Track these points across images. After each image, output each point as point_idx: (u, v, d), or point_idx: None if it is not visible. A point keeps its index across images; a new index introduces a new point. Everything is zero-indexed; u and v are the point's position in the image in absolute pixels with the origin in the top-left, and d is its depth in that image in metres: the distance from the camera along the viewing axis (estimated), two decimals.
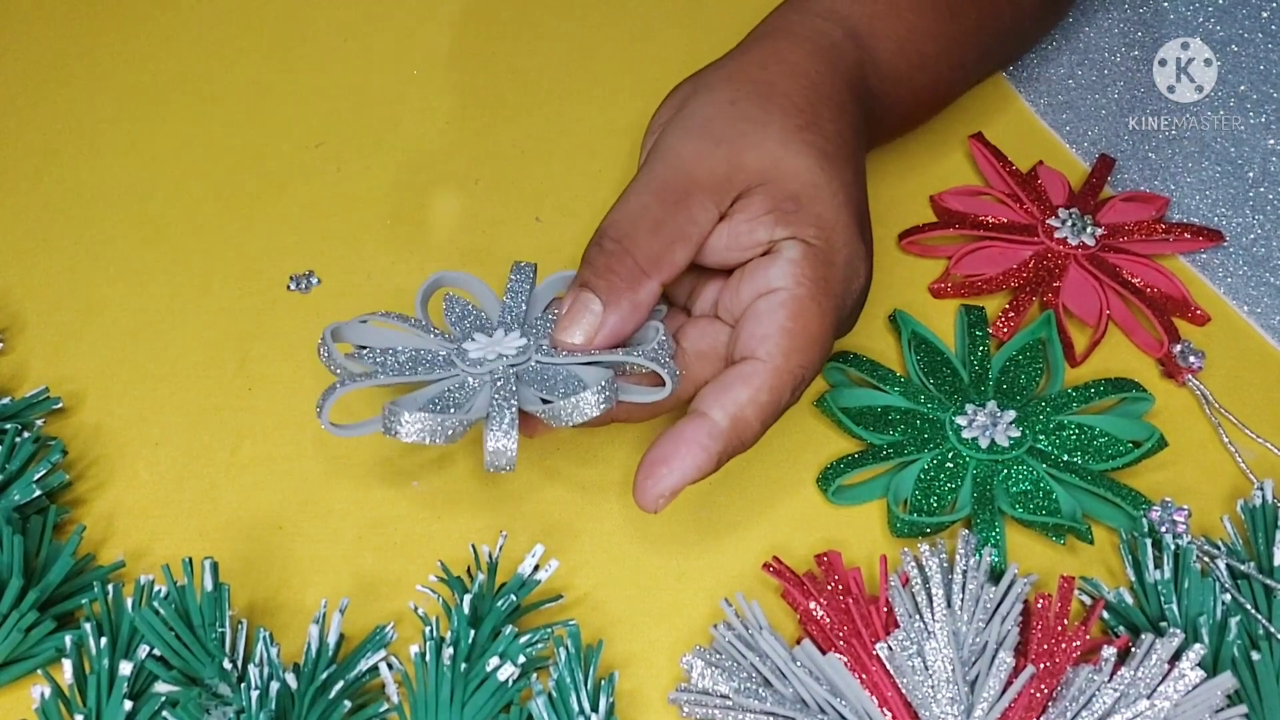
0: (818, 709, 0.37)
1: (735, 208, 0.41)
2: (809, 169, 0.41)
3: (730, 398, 0.39)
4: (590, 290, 0.39)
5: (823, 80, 0.43)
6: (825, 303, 0.40)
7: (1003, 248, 0.51)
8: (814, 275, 0.40)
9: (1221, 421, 0.47)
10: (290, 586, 0.42)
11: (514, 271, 0.43)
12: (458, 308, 0.43)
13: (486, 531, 0.43)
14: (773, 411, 0.39)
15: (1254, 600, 0.41)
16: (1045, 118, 0.57)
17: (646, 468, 0.38)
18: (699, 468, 0.38)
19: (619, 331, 0.39)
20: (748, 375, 0.39)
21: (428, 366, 0.40)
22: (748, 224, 0.40)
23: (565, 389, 0.38)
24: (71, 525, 0.42)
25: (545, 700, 0.37)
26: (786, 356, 0.39)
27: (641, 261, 0.39)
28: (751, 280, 0.40)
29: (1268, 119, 0.57)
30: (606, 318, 0.39)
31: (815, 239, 0.40)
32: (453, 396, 0.39)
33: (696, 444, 0.38)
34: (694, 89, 0.43)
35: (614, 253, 0.39)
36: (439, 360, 0.40)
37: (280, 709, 0.36)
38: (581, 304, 0.39)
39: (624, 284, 0.39)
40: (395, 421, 0.37)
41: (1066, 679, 0.38)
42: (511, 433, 0.37)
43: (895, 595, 0.39)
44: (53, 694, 0.37)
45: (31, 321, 0.48)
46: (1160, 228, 0.52)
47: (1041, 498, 0.43)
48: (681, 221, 0.40)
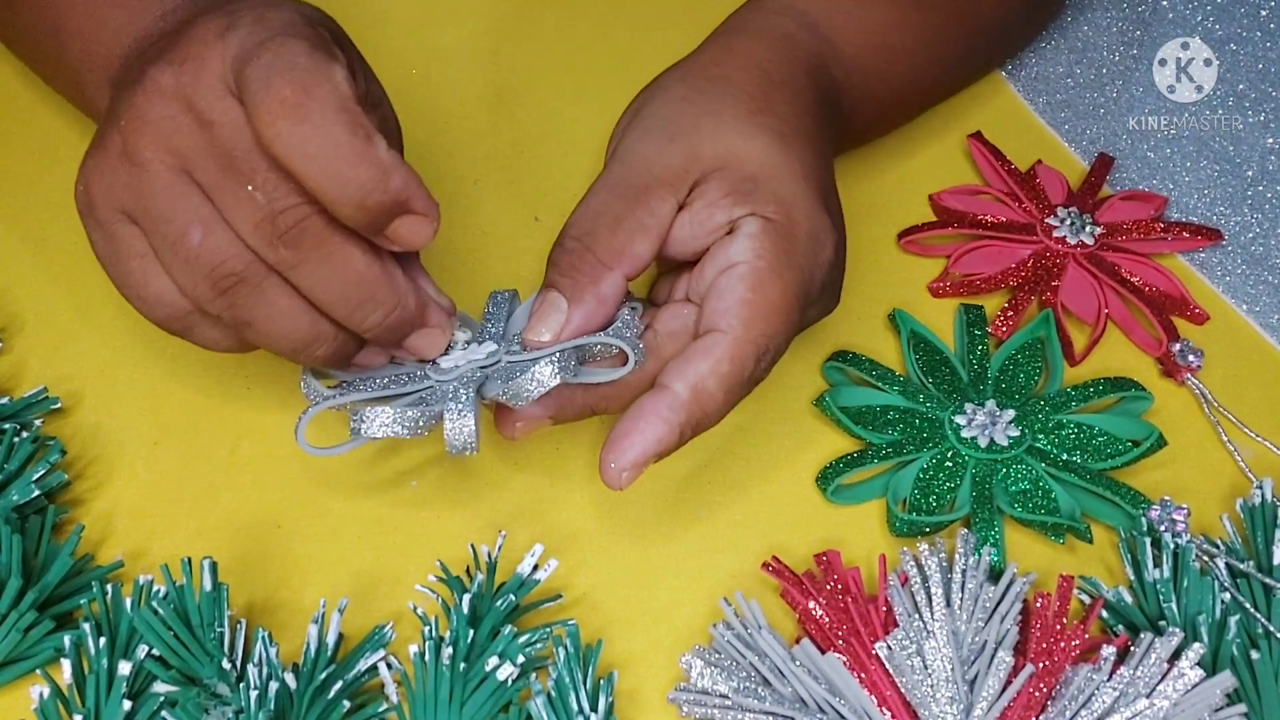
0: (817, 708, 0.37)
1: (694, 195, 0.41)
2: (764, 150, 0.41)
3: (691, 369, 0.39)
4: (555, 289, 0.40)
5: (775, 68, 0.44)
6: (788, 275, 0.40)
7: (1001, 247, 0.51)
8: (774, 248, 0.40)
9: (1220, 420, 0.47)
10: (289, 586, 0.42)
11: (490, 301, 0.43)
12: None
13: (485, 531, 0.43)
14: (736, 381, 0.39)
15: (1253, 599, 0.41)
16: (1044, 117, 0.57)
17: (609, 444, 0.39)
18: (660, 440, 0.38)
19: (584, 326, 0.40)
20: (709, 347, 0.39)
21: (402, 380, 0.40)
22: (707, 209, 0.41)
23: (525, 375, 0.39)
24: (70, 525, 0.42)
25: (544, 700, 0.37)
26: (747, 326, 0.39)
27: (602, 256, 0.40)
28: (713, 258, 0.41)
29: (1266, 118, 0.57)
30: (572, 313, 0.39)
31: (774, 214, 0.40)
32: (423, 399, 0.39)
33: (657, 416, 0.38)
34: (650, 93, 0.44)
35: (575, 250, 0.40)
36: (414, 375, 0.40)
37: (279, 709, 0.36)
38: (548, 303, 0.40)
39: (586, 279, 0.40)
40: (359, 420, 0.37)
41: (1065, 678, 0.38)
42: (467, 412, 0.38)
43: (894, 594, 0.39)
44: (51, 694, 0.37)
45: (30, 321, 0.48)
46: (1159, 226, 0.52)
47: (1040, 497, 0.43)
48: (640, 215, 0.40)
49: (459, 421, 0.38)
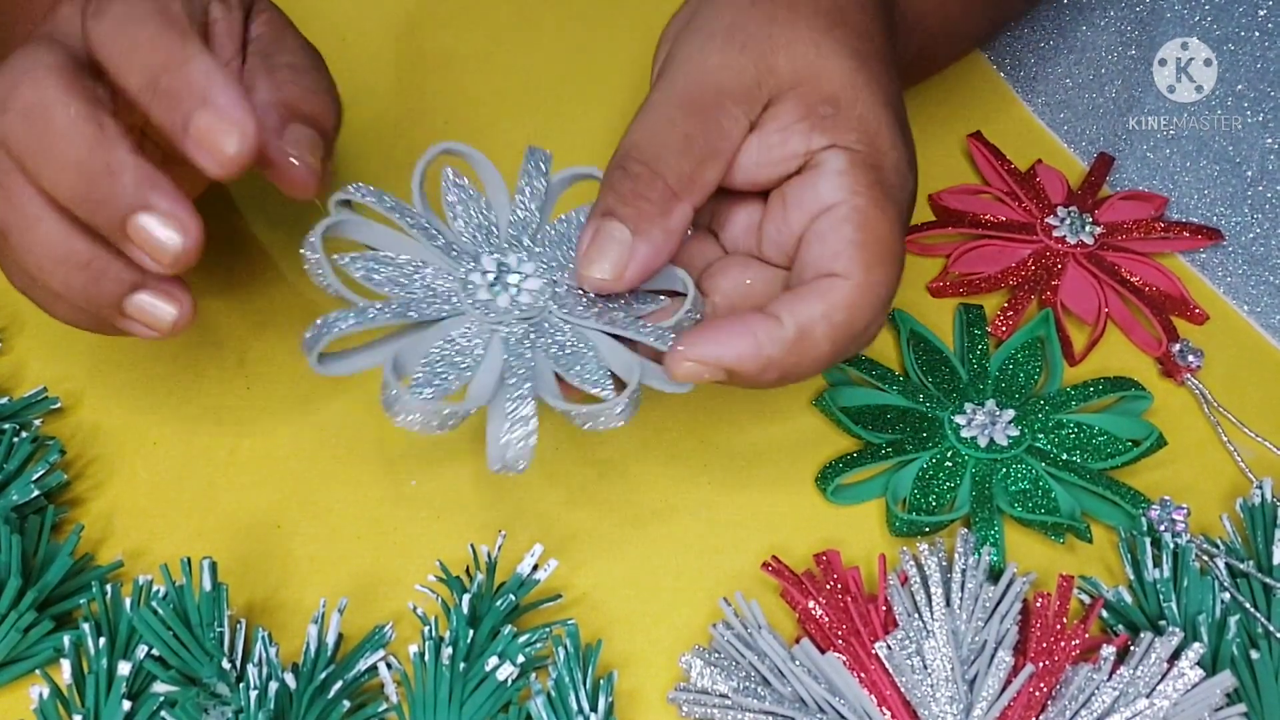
0: (816, 708, 0.37)
1: (765, 117, 0.36)
2: (844, 69, 0.37)
3: (803, 307, 0.35)
4: (616, 219, 0.35)
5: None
6: (890, 210, 0.36)
7: (1001, 246, 0.51)
8: (868, 182, 0.35)
9: (1220, 420, 0.47)
10: (289, 586, 0.42)
11: (528, 159, 0.39)
12: (460, 196, 0.39)
13: (485, 531, 0.43)
14: (846, 335, 0.35)
15: (1253, 599, 0.41)
16: (1043, 117, 0.57)
17: (691, 331, 0.35)
18: (740, 357, 0.34)
19: (650, 264, 0.35)
20: (824, 290, 0.35)
21: (428, 302, 0.36)
22: (780, 134, 0.36)
23: (585, 371, 0.36)
24: (70, 525, 0.42)
25: (544, 700, 0.37)
26: (868, 270, 0.35)
27: (673, 183, 0.35)
28: (799, 202, 0.36)
29: (1265, 118, 0.57)
30: (637, 248, 0.35)
31: (859, 144, 0.36)
32: (453, 355, 0.36)
33: (750, 335, 0.34)
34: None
35: (641, 176, 0.35)
36: (441, 294, 0.37)
37: (279, 709, 0.36)
38: (607, 234, 0.35)
39: (655, 210, 0.35)
40: (393, 401, 0.34)
41: (1065, 678, 0.38)
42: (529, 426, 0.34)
43: (894, 594, 0.39)
44: (51, 694, 0.37)
45: (30, 321, 0.48)
46: (1159, 226, 0.52)
47: (1040, 496, 0.43)
48: (712, 136, 0.36)
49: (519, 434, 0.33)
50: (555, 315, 0.37)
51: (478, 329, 0.36)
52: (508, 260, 0.38)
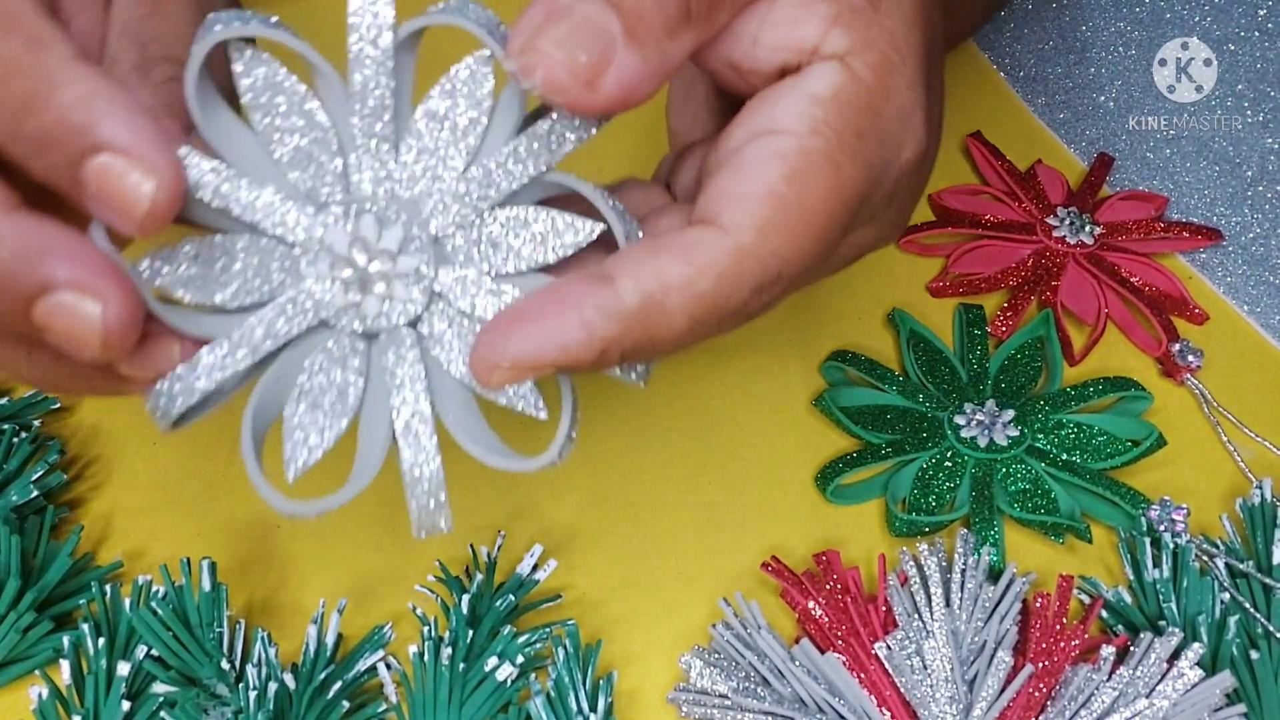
0: (816, 708, 0.37)
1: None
2: None
3: (653, 269, 0.26)
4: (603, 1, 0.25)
5: None
6: (847, 167, 0.27)
7: (1001, 246, 0.51)
8: (842, 124, 0.27)
9: (1220, 420, 0.47)
10: (288, 586, 0.42)
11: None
12: (272, 98, 0.27)
13: (485, 531, 0.43)
14: (710, 309, 0.26)
15: (1253, 599, 0.41)
16: (1043, 117, 0.57)
17: (497, 322, 0.26)
18: (564, 346, 0.26)
19: (632, 90, 0.26)
20: (692, 246, 0.26)
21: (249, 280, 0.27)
22: (794, 9, 0.27)
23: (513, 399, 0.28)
24: (69, 525, 0.42)
25: (544, 700, 0.37)
26: (760, 233, 0.26)
27: (691, 2, 0.26)
28: (751, 115, 0.28)
29: (1265, 118, 0.56)
30: (624, 56, 0.25)
31: (870, 67, 0.28)
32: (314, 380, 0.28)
33: (576, 312, 0.26)
34: None
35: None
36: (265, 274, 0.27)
37: (278, 709, 0.36)
38: (581, 15, 0.25)
39: (659, 19, 0.26)
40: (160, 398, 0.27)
41: (1065, 678, 0.38)
42: (441, 494, 0.29)
43: (894, 594, 0.39)
44: (50, 695, 0.37)
45: None
46: (1159, 226, 0.52)
47: (1040, 497, 0.43)
48: None
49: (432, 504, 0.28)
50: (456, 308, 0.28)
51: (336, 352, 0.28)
52: (360, 224, 0.27)
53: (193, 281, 0.27)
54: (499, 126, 0.28)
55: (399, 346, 0.28)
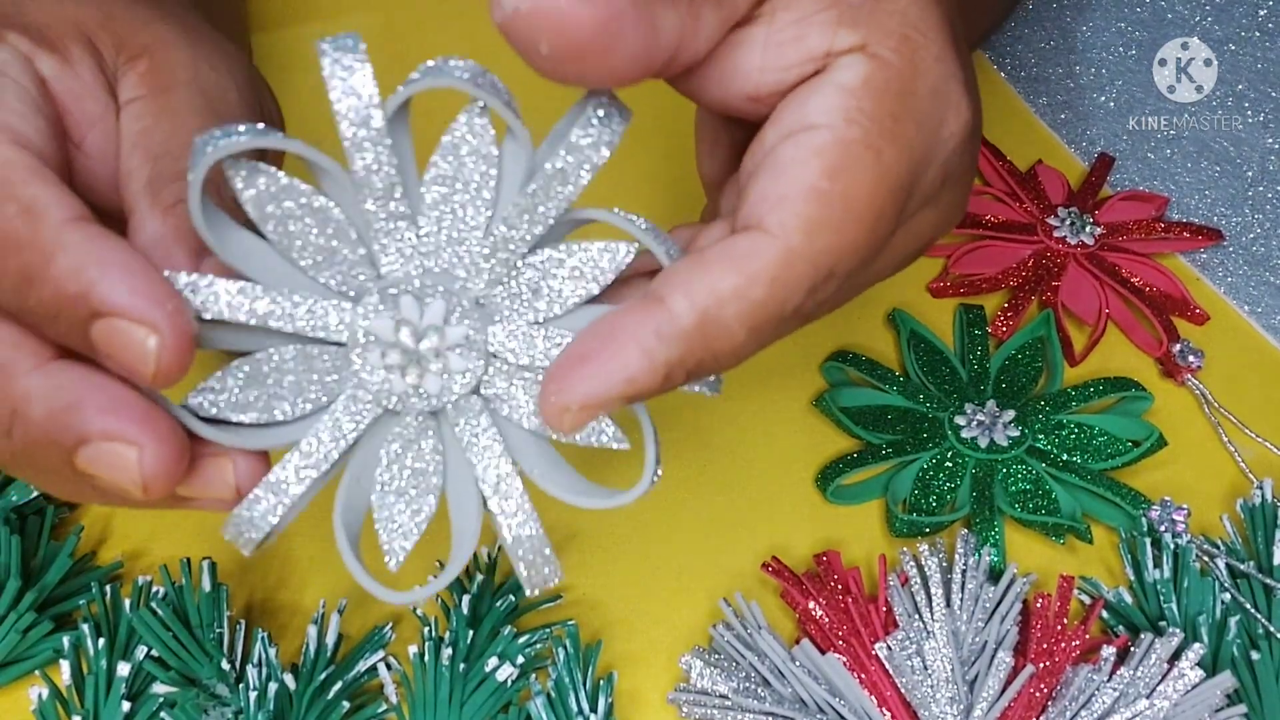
0: (816, 709, 0.37)
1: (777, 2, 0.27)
2: None
3: (704, 284, 0.25)
4: None
5: None
6: (889, 155, 0.26)
7: (1001, 246, 0.51)
8: (876, 110, 0.26)
9: (1221, 421, 0.47)
10: (288, 587, 0.42)
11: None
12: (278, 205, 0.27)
13: (485, 531, 0.43)
14: (768, 318, 0.26)
15: (1253, 599, 0.41)
16: (1044, 117, 0.57)
17: (558, 368, 0.26)
18: (630, 378, 0.25)
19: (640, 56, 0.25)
20: (742, 255, 0.26)
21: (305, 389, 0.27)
22: (795, 26, 0.27)
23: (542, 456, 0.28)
24: (69, 526, 0.42)
25: (544, 700, 0.37)
26: (809, 234, 0.25)
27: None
28: (782, 117, 0.27)
29: (1266, 118, 0.57)
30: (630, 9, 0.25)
31: (893, 51, 0.27)
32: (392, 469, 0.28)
33: (635, 342, 0.25)
34: None
35: None
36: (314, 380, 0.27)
37: (278, 709, 0.36)
38: None
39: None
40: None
41: (1066, 678, 0.38)
42: (546, 549, 0.29)
43: (894, 595, 0.39)
44: (50, 695, 0.37)
45: None
46: (1159, 227, 0.52)
47: (1041, 497, 0.43)
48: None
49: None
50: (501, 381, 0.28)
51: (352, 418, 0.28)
52: (400, 306, 0.27)
53: (250, 404, 0.27)
54: (510, 174, 0.28)
55: (468, 415, 0.28)
